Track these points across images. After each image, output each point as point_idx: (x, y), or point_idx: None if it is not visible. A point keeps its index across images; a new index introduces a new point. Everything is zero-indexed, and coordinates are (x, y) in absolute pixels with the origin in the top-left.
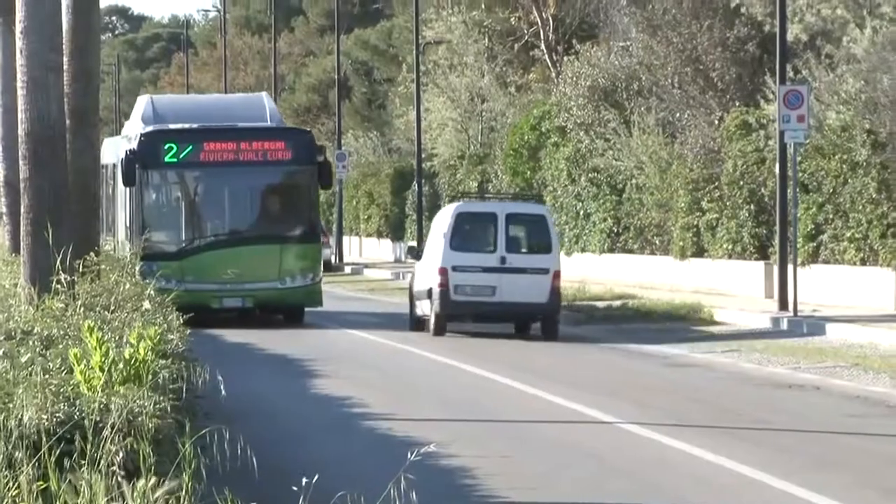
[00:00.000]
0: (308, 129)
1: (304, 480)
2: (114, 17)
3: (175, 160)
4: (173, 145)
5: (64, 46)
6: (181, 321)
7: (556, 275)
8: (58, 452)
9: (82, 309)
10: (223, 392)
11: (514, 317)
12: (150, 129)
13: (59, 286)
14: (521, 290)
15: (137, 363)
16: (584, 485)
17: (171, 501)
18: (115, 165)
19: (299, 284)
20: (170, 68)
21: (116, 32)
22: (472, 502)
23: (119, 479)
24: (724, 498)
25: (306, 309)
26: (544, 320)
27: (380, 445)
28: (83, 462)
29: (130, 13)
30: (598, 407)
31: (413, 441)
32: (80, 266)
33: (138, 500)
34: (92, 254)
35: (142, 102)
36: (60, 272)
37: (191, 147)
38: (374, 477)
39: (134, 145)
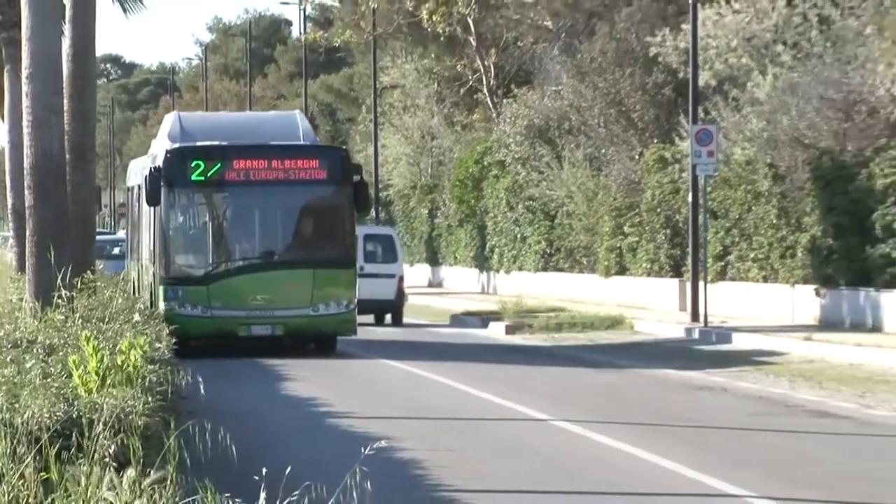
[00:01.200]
0: (344, 148)
1: (266, 471)
2: (108, 65)
3: (202, 178)
4: (200, 163)
5: (64, 90)
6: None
7: (401, 279)
8: (58, 447)
9: (80, 321)
10: (202, 392)
11: (371, 310)
12: (176, 146)
13: (59, 301)
14: (376, 289)
15: (128, 368)
16: (522, 475)
17: (157, 489)
18: (139, 186)
19: (332, 312)
20: (157, 109)
21: (110, 78)
22: (420, 488)
23: (111, 469)
24: (643, 485)
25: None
26: (393, 313)
27: (341, 441)
28: (80, 455)
29: (123, 61)
30: (536, 407)
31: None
32: (79, 283)
33: (128, 489)
34: (88, 272)
35: (169, 119)
36: (61, 289)
37: (219, 165)
38: (335, 469)
39: (159, 163)
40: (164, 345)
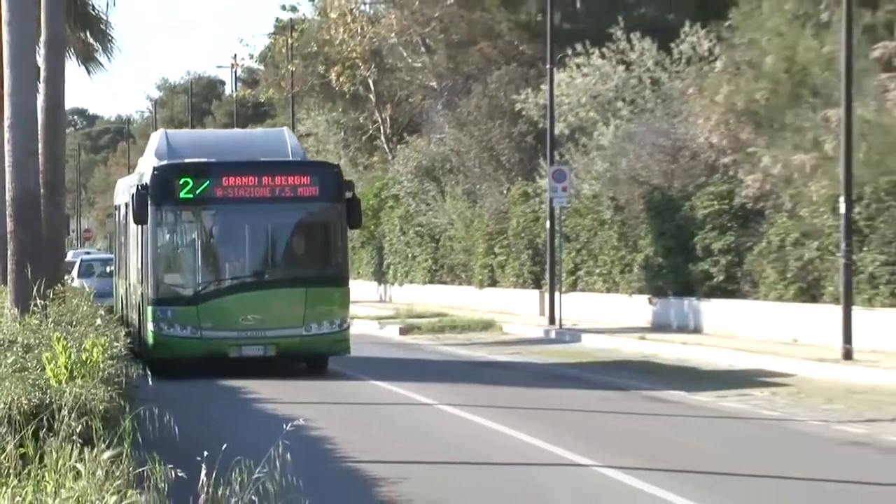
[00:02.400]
0: (336, 164)
1: (206, 453)
2: (75, 116)
3: (191, 196)
4: (189, 180)
5: (39, 137)
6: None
7: None
8: (33, 427)
9: (52, 324)
10: (150, 382)
11: None
12: (163, 163)
13: (35, 308)
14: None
15: (91, 363)
16: (414, 449)
17: (115, 462)
18: (126, 205)
19: (326, 331)
20: (115, 153)
21: (77, 127)
22: (331, 462)
23: (77, 446)
24: (510, 456)
25: None
26: None
27: (266, 421)
28: (51, 434)
29: (87, 112)
30: (423, 394)
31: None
32: (51, 294)
33: (91, 462)
34: (59, 285)
35: (156, 137)
36: (36, 298)
37: (208, 182)
38: (260, 444)
39: (146, 180)
40: (121, 344)
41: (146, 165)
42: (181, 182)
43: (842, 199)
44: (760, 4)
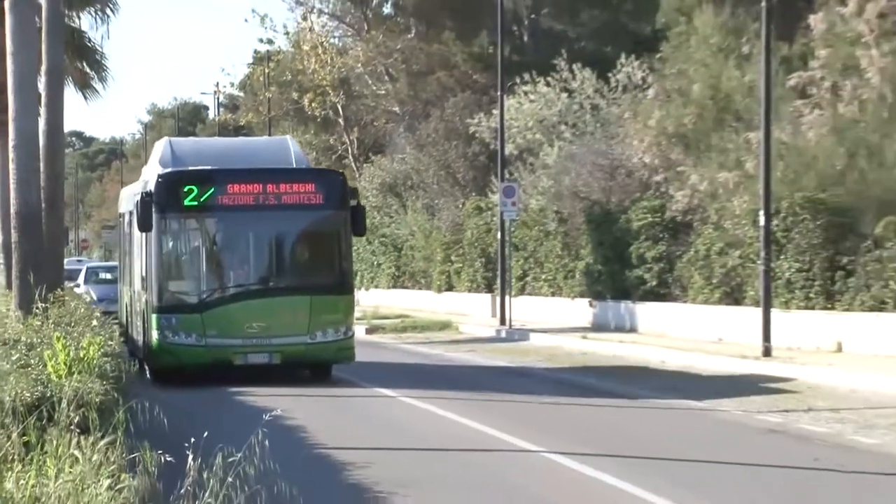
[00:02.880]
0: (340, 172)
1: (192, 440)
2: (73, 138)
3: (195, 203)
4: (193, 187)
5: (40, 157)
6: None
7: None
8: (35, 417)
9: (52, 325)
10: (148, 376)
11: None
12: (168, 170)
13: (37, 311)
14: None
15: (88, 360)
16: (375, 436)
17: (109, 448)
18: (130, 213)
19: (331, 339)
20: (110, 171)
21: (75, 147)
22: (304, 447)
23: (76, 434)
24: (457, 442)
25: None
26: None
27: (245, 411)
28: (52, 424)
29: (83, 135)
30: (386, 386)
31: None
32: (51, 298)
33: (88, 449)
34: (59, 290)
35: (160, 146)
36: (38, 302)
37: (212, 189)
38: (241, 431)
39: (151, 188)
40: (115, 342)
41: (150, 173)
42: (185, 189)
43: (761, 212)
44: (688, 38)
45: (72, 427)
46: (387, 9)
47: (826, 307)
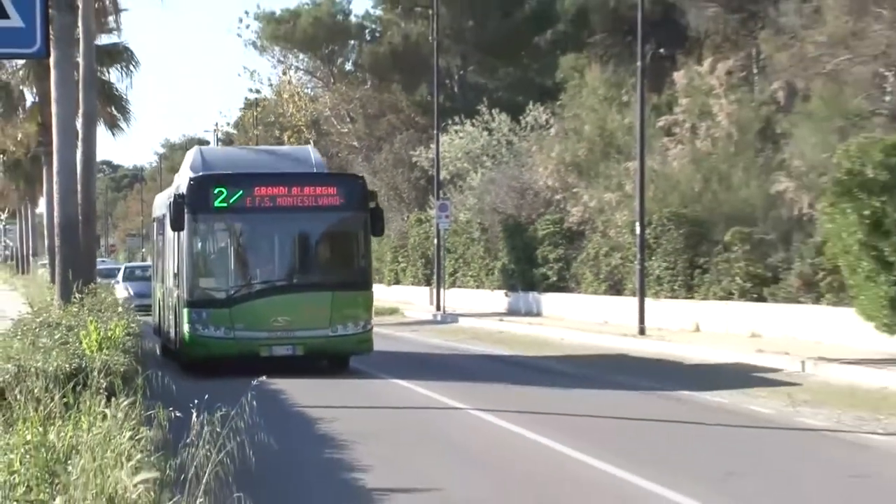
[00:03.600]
0: (361, 176)
1: (196, 401)
2: (103, 166)
3: (225, 205)
4: (223, 190)
5: (78, 181)
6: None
7: None
8: (72, 384)
9: (87, 311)
10: (158, 353)
11: None
12: (199, 174)
13: (74, 300)
14: None
15: (115, 338)
16: (340, 395)
17: (130, 407)
18: (164, 216)
19: (350, 332)
20: (132, 192)
21: (105, 173)
22: (285, 406)
23: (104, 397)
24: (411, 402)
25: None
26: None
27: (238, 378)
28: (86, 389)
29: (112, 163)
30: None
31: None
32: (86, 291)
33: (114, 408)
34: (92, 284)
35: (191, 154)
36: (76, 293)
37: (241, 192)
38: (235, 394)
39: (183, 190)
40: (135, 325)
41: (182, 178)
42: (216, 192)
43: (637, 224)
44: (581, 90)
45: (101, 391)
46: (348, 66)
47: (687, 297)
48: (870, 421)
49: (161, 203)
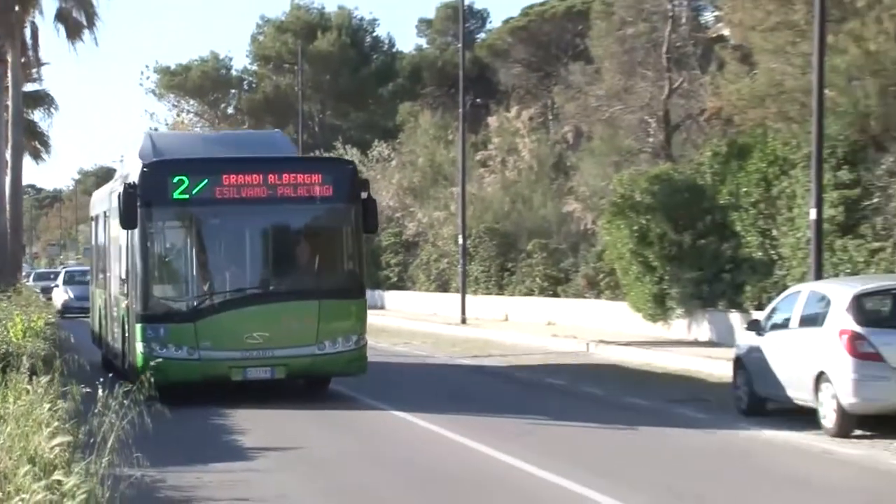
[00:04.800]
0: (350, 160)
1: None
2: (29, 188)
3: (186, 196)
4: (184, 178)
5: (7, 201)
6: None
7: None
8: (2, 366)
9: (14, 306)
10: (72, 340)
11: None
12: (154, 160)
13: (2, 298)
14: None
15: (36, 328)
16: (269, 397)
17: (49, 384)
18: (105, 213)
19: (341, 349)
20: (52, 209)
21: (30, 194)
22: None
23: (28, 376)
24: (328, 403)
25: None
26: None
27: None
28: (12, 370)
29: (35, 186)
30: None
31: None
32: (12, 290)
33: (36, 385)
34: (18, 285)
35: (139, 141)
36: (3, 290)
37: (205, 180)
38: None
39: (134, 179)
40: (53, 317)
41: (131, 166)
42: (175, 180)
43: (460, 236)
44: (416, 130)
45: (25, 371)
46: (230, 110)
47: (499, 293)
48: (635, 388)
49: (100, 199)
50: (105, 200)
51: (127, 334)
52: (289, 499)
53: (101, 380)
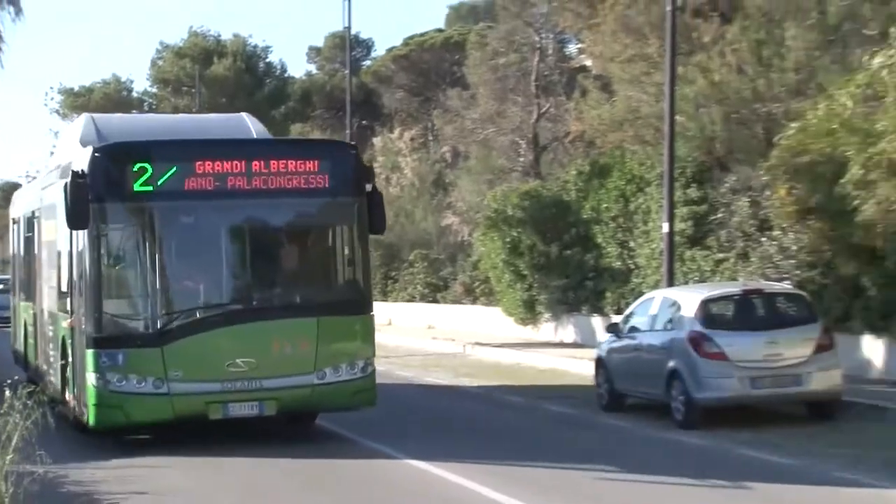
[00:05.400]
0: (351, 143)
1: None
2: None
3: (150, 188)
4: (146, 165)
5: None
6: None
7: None
8: None
9: None
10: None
11: None
12: (109, 143)
13: None
14: None
15: None
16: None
17: None
18: (33, 214)
19: (345, 378)
20: None
21: None
22: None
23: None
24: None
25: None
26: None
27: None
28: None
29: None
30: None
31: None
32: None
33: None
34: None
35: (78, 125)
36: None
37: (174, 168)
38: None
39: (83, 167)
40: None
41: (71, 154)
42: (135, 168)
43: None
44: None
45: None
46: None
47: (383, 300)
48: (509, 384)
49: (25, 199)
50: (34, 199)
51: (70, 361)
52: (185, 491)
53: (9, 381)
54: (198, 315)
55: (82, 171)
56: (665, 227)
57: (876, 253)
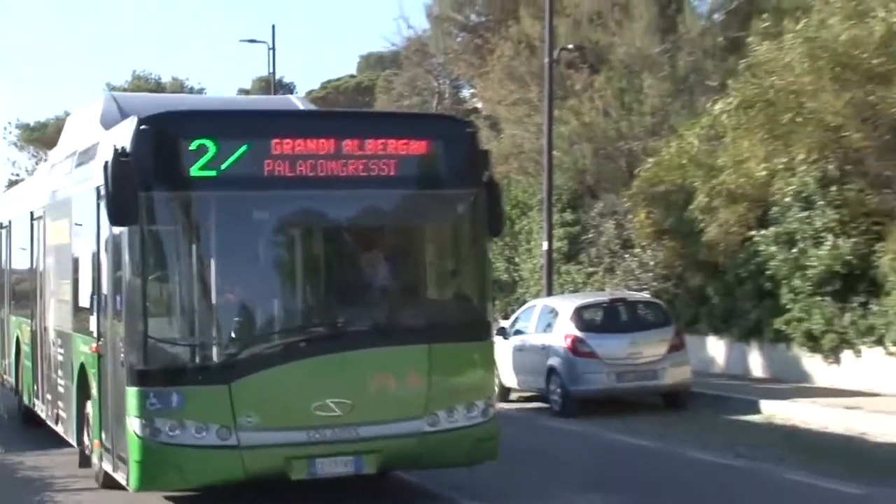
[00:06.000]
0: (468, 120)
1: None
2: None
3: (213, 173)
4: (208, 143)
5: None
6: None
7: None
8: None
9: None
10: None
11: None
12: (159, 113)
13: None
14: None
15: None
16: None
17: None
18: (32, 214)
19: (462, 424)
20: None
21: None
22: None
23: None
24: None
25: None
26: None
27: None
28: None
29: None
30: None
31: None
32: None
33: None
34: None
35: (97, 105)
36: None
37: (245, 147)
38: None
39: (125, 145)
40: None
41: (94, 137)
42: (194, 147)
43: None
44: None
45: None
46: None
47: None
48: None
49: (13, 201)
50: (31, 199)
51: (95, 399)
52: None
53: None
54: (276, 341)
55: (124, 148)
56: (545, 246)
57: (718, 268)
